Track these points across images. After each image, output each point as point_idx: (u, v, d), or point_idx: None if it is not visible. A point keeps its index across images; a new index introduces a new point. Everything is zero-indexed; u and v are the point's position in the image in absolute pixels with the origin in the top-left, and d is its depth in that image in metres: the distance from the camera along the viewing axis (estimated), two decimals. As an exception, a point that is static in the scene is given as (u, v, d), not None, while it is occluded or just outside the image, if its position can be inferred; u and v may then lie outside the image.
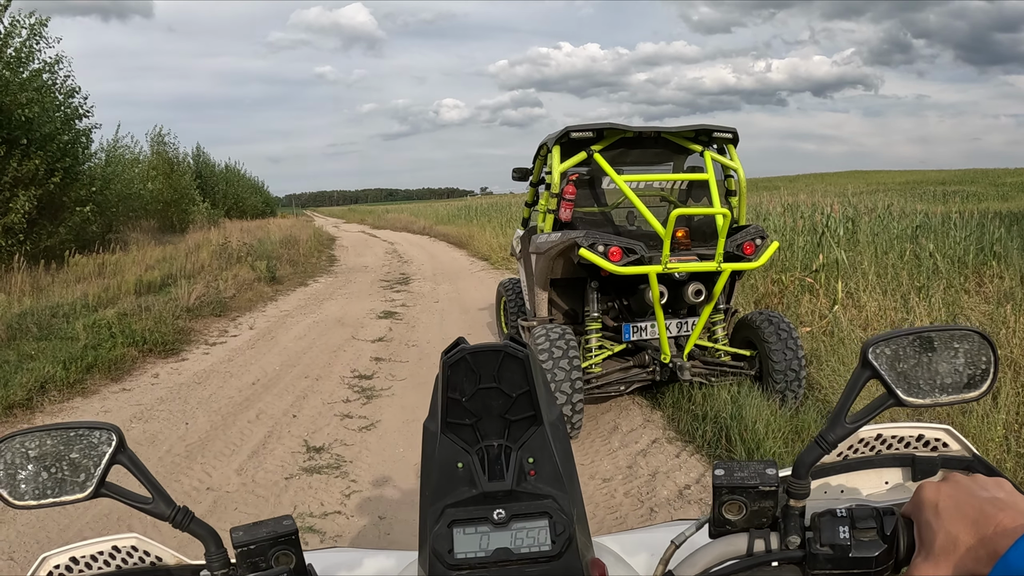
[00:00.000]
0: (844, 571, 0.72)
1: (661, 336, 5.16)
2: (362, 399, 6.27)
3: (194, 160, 44.07)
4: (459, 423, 0.84)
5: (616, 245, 4.88)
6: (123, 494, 0.78)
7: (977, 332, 0.77)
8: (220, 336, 9.38)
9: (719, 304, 5.60)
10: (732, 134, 5.62)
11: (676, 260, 4.96)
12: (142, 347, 8.29)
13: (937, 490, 0.67)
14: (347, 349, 8.23)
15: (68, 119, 18.97)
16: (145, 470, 0.80)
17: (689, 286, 5.14)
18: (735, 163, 5.61)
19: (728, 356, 5.65)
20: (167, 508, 0.79)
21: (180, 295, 10.84)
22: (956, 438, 0.82)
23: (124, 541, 0.88)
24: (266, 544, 0.79)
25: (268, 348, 8.49)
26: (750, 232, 5.20)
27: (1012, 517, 0.60)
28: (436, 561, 0.79)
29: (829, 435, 0.76)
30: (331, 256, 21.69)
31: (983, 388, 0.77)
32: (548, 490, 0.83)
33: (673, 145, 5.68)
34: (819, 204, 17.05)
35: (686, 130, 5.56)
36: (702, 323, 5.29)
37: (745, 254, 5.11)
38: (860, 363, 0.76)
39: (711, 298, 5.24)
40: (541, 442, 0.84)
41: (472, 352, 0.83)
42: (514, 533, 0.80)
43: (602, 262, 4.84)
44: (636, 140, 5.56)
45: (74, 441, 0.79)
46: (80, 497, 0.78)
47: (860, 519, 0.72)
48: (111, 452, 0.78)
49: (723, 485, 0.75)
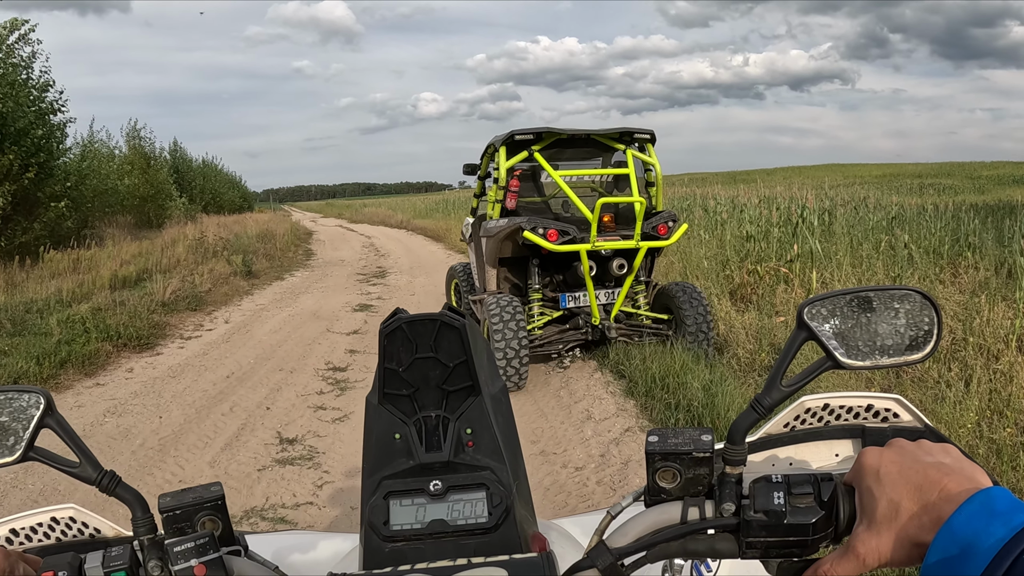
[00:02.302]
0: (780, 539, 0.69)
1: (591, 303, 6.29)
2: (336, 391, 6.27)
3: (171, 155, 43.60)
4: (397, 394, 0.84)
5: (553, 228, 6.05)
6: (51, 458, 0.77)
7: (919, 292, 0.74)
8: (195, 330, 9.34)
9: (640, 276, 6.71)
10: (650, 135, 6.71)
11: (603, 239, 6.09)
12: (116, 342, 8.24)
13: (879, 456, 0.64)
14: (322, 342, 8.23)
15: (42, 114, 18.76)
16: (73, 434, 0.78)
17: (614, 261, 6.25)
18: (653, 159, 6.70)
19: (649, 320, 6.71)
20: (94, 472, 0.77)
21: (155, 290, 10.77)
22: (907, 408, 0.79)
23: (61, 512, 0.87)
24: (191, 509, 0.78)
25: (243, 342, 8.46)
26: (664, 216, 6.37)
27: (958, 482, 0.58)
28: (372, 533, 0.79)
29: (765, 399, 0.73)
30: (308, 250, 21.61)
31: (926, 350, 0.74)
32: (486, 461, 0.83)
33: (601, 144, 6.80)
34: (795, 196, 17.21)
35: (611, 132, 6.66)
36: (624, 292, 6.42)
37: (659, 234, 6.28)
38: (796, 324, 0.74)
39: (632, 271, 6.32)
40: (479, 413, 0.84)
41: (408, 321, 0.82)
42: (451, 505, 0.80)
43: (542, 242, 5.98)
44: (570, 140, 6.67)
45: (3, 405, 0.78)
46: (8, 461, 0.77)
47: (796, 484, 0.69)
48: (39, 415, 0.77)
49: (656, 452, 0.73)
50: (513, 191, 6.47)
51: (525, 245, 6.19)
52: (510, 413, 0.90)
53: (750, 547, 0.70)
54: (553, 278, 6.73)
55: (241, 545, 0.82)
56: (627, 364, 6.07)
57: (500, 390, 0.90)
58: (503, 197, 6.48)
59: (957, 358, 5.62)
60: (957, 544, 0.54)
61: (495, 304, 5.88)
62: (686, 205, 16.74)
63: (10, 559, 0.71)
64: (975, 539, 0.53)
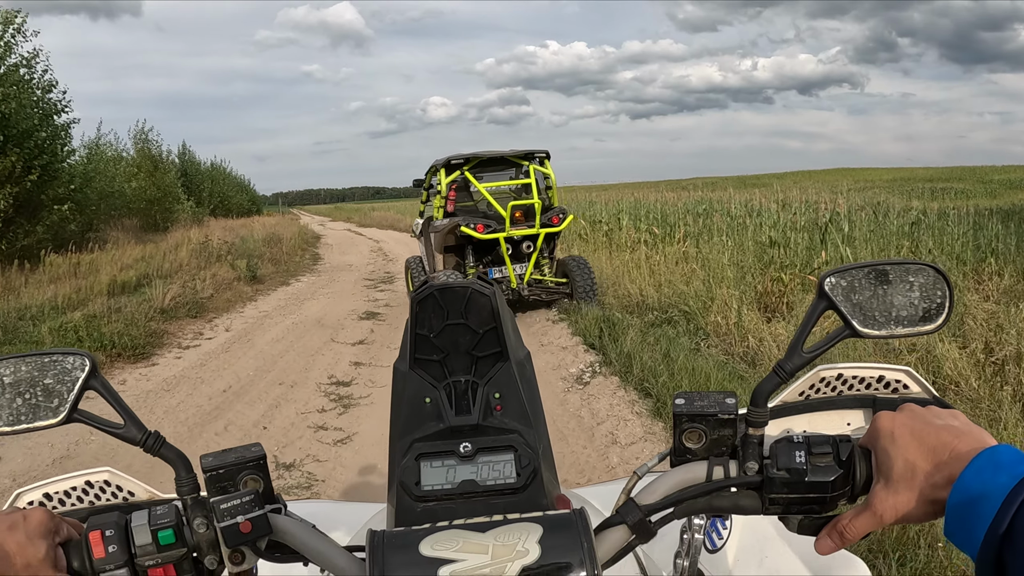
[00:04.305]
0: (800, 495, 0.72)
1: (509, 274, 8.79)
2: (339, 408, 5.84)
3: (179, 158, 43.48)
4: (427, 359, 0.87)
5: (480, 223, 8.52)
6: (95, 420, 0.78)
7: (932, 266, 0.77)
8: (194, 339, 8.93)
9: (545, 253, 9.13)
10: (546, 153, 9.35)
11: (514, 229, 8.58)
12: (110, 351, 7.85)
13: (893, 419, 0.68)
14: (326, 353, 7.80)
15: (46, 115, 18.47)
16: (118, 396, 0.78)
17: (523, 244, 8.74)
18: (548, 170, 9.37)
19: (553, 283, 9.09)
20: (139, 433, 0.78)
21: (154, 296, 10.37)
22: (916, 380, 0.82)
23: (96, 475, 0.87)
24: (234, 469, 0.78)
25: (243, 352, 8.05)
26: (556, 210, 8.94)
27: (967, 442, 0.62)
28: (403, 493, 0.80)
29: (787, 364, 0.76)
30: (315, 255, 21.22)
31: (939, 321, 0.77)
32: (514, 425, 0.85)
33: (512, 162, 9.35)
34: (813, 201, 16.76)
35: (518, 152, 9.27)
36: (531, 264, 8.90)
37: (553, 223, 8.79)
38: (817, 294, 0.77)
39: (536, 249, 8.84)
40: (507, 378, 0.87)
41: (440, 289, 0.86)
42: (480, 466, 0.81)
43: (473, 233, 8.44)
44: (491, 160, 9.21)
45: (48, 367, 0.79)
46: (53, 422, 0.78)
47: (816, 444, 0.72)
48: (84, 377, 0.78)
49: (683, 413, 0.76)
50: (451, 199, 9.00)
51: (462, 236, 8.68)
52: (534, 379, 0.92)
53: (772, 503, 0.74)
54: (483, 258, 9.13)
55: (282, 503, 0.81)
56: (653, 381, 5.58)
57: (525, 357, 0.92)
58: (444, 203, 8.98)
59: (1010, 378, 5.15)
60: (969, 497, 0.58)
61: (444, 278, 7.41)
62: (702, 209, 16.25)
63: (55, 519, 0.74)
64: (984, 490, 0.57)
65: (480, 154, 9.02)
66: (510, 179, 9.34)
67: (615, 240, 13.93)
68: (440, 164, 9.04)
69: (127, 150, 32.00)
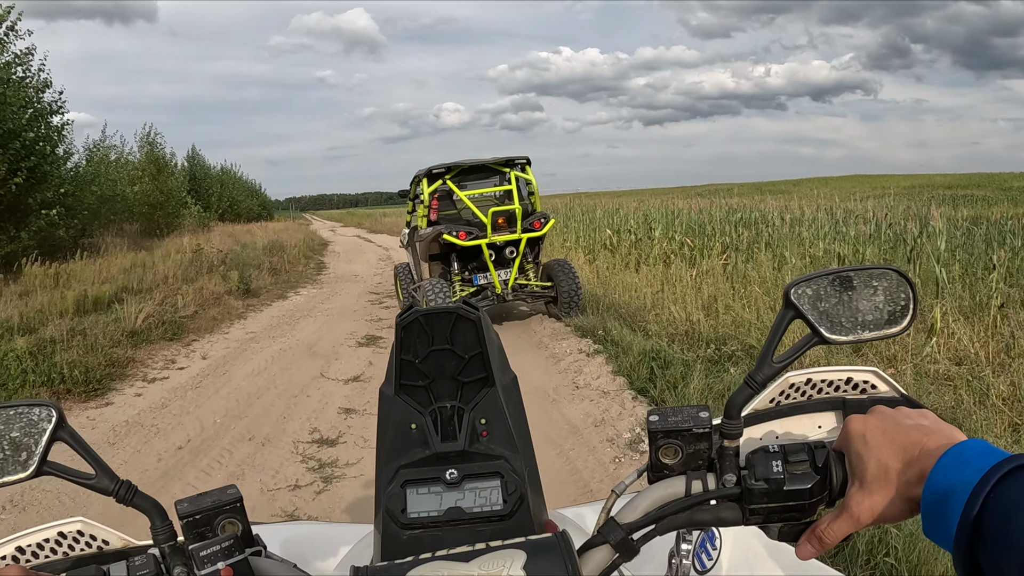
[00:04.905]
0: (780, 504, 0.71)
1: (493, 279, 8.75)
2: (318, 482, 4.47)
3: (188, 162, 42.51)
4: (413, 385, 0.85)
5: (463, 230, 8.43)
6: (66, 471, 0.74)
7: (894, 270, 0.77)
8: (164, 369, 7.61)
9: (528, 258, 9.05)
10: (526, 159, 9.16)
11: (496, 235, 8.49)
12: (58, 387, 6.58)
13: (864, 422, 0.67)
14: (312, 393, 6.45)
15: (38, 115, 17.35)
16: (87, 446, 0.76)
17: (506, 249, 8.67)
18: (530, 177, 9.23)
19: (538, 288, 9.03)
20: (110, 483, 0.75)
21: (126, 315, 9.08)
22: (884, 379, 0.80)
23: (69, 526, 0.83)
24: (211, 513, 0.75)
25: (216, 388, 6.73)
26: (538, 215, 8.82)
27: (936, 440, 0.61)
28: (389, 520, 0.78)
29: (758, 375, 0.75)
30: (320, 263, 19.93)
31: (903, 323, 0.76)
32: (500, 451, 0.83)
33: (493, 169, 9.21)
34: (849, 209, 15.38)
35: (499, 160, 9.09)
36: (515, 269, 8.81)
37: (534, 228, 8.68)
38: (783, 304, 0.76)
39: (519, 254, 8.74)
40: (493, 403, 0.85)
41: (425, 314, 0.84)
42: (466, 493, 0.79)
43: (456, 240, 8.35)
44: (472, 168, 9.09)
45: (13, 420, 0.76)
46: (23, 476, 0.74)
47: (792, 453, 0.71)
48: (51, 429, 0.75)
49: (658, 430, 0.74)
50: (434, 208, 9.00)
51: (445, 244, 8.60)
52: (521, 404, 0.89)
53: (753, 513, 0.73)
54: (467, 265, 9.10)
55: (261, 545, 0.79)
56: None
57: (511, 381, 0.89)
58: (428, 212, 8.96)
59: None
60: (939, 493, 0.57)
61: (430, 286, 8.17)
62: (737, 218, 14.83)
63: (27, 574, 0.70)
64: (952, 485, 0.55)
65: (461, 163, 9.03)
66: (493, 187, 9.29)
67: (644, 252, 12.56)
68: (422, 174, 9.12)
69: (133, 153, 31.02)
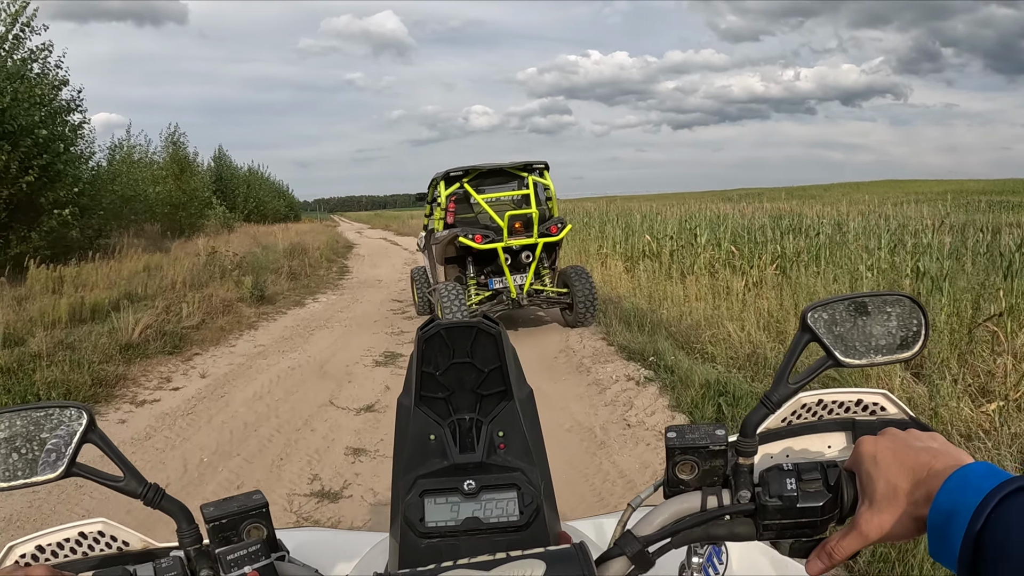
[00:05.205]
0: (793, 520, 0.72)
1: (509, 284, 8.72)
2: (311, 555, 3.60)
3: (215, 162, 42.15)
4: (432, 396, 0.86)
5: (479, 234, 8.52)
6: (94, 473, 0.75)
7: (908, 297, 0.78)
8: (156, 389, 6.76)
9: (545, 263, 9.01)
10: (545, 164, 9.14)
11: (513, 239, 8.50)
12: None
13: (875, 443, 0.68)
14: (317, 426, 5.53)
15: (53, 113, 16.75)
16: (116, 449, 0.76)
17: (522, 254, 8.71)
18: (548, 181, 9.15)
19: (554, 294, 8.90)
20: (138, 486, 0.76)
21: (123, 325, 8.27)
22: (893, 401, 0.81)
23: (90, 526, 0.82)
24: (238, 518, 0.76)
25: (210, 416, 5.86)
26: (554, 220, 8.87)
27: (943, 462, 0.62)
28: (408, 529, 0.79)
29: (773, 395, 0.76)
30: (343, 267, 19.13)
31: (915, 349, 0.78)
32: (517, 463, 0.84)
33: (511, 173, 9.06)
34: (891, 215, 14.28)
35: (517, 164, 9.03)
36: (531, 274, 8.76)
37: (551, 233, 8.70)
38: (800, 327, 0.77)
39: (535, 259, 8.70)
40: (511, 416, 0.86)
41: (447, 328, 0.85)
42: (483, 503, 0.80)
43: (471, 244, 8.49)
44: (490, 172, 8.99)
45: (44, 421, 0.76)
46: (52, 477, 0.75)
47: (806, 471, 0.72)
48: (82, 431, 0.75)
49: (676, 447, 0.75)
50: (451, 211, 8.79)
51: (461, 247, 8.62)
52: (537, 417, 0.89)
53: (766, 529, 0.74)
54: (483, 269, 9.04)
55: (285, 550, 0.80)
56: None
57: (528, 395, 0.90)
58: (444, 215, 8.82)
59: None
60: (943, 513, 0.57)
61: (445, 290, 8.09)
62: (785, 225, 13.78)
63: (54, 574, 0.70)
64: (955, 507, 0.56)
65: (479, 166, 8.98)
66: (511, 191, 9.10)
67: (689, 261, 11.57)
68: (440, 177, 9.11)
69: (157, 153, 30.52)
